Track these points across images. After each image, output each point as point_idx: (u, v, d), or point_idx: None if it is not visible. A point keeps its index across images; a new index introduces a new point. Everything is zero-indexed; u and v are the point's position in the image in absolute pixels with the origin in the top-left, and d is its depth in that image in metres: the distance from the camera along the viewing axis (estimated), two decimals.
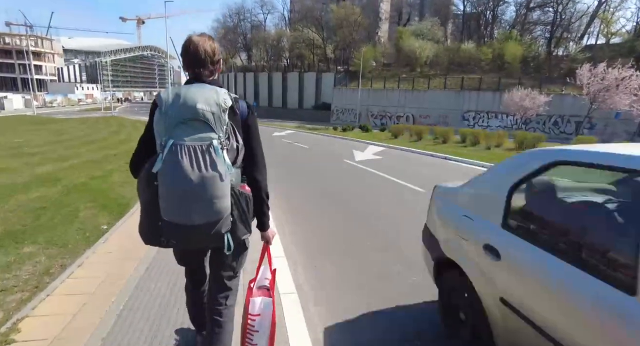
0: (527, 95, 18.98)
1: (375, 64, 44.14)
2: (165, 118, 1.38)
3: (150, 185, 1.39)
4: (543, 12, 41.76)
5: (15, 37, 71.05)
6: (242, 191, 1.55)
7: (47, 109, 56.10)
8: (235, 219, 1.50)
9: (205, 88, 1.46)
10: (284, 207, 5.66)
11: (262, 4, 61.36)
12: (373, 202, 6.19)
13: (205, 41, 1.57)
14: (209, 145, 1.37)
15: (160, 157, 1.36)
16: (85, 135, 15.55)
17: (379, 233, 4.55)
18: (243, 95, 56.47)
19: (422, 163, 11.02)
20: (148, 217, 1.46)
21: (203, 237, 1.45)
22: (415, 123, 36.44)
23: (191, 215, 1.38)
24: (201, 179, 1.34)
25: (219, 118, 1.41)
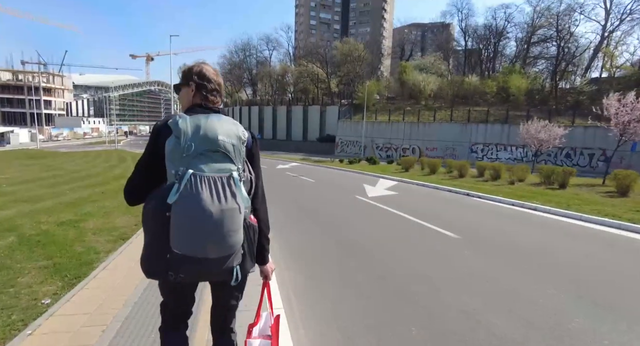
0: (544, 127, 18.14)
1: (379, 97, 44.33)
2: (185, 148, 1.34)
3: (160, 216, 1.33)
4: (546, 46, 42.29)
5: (28, 74, 73.49)
6: (251, 223, 1.51)
7: (52, 143, 56.61)
8: (245, 252, 1.47)
9: (224, 120, 1.46)
10: (291, 265, 4.49)
11: (267, 41, 63.12)
12: (401, 254, 5.00)
13: (218, 73, 1.63)
14: (229, 177, 1.36)
15: (177, 188, 1.30)
16: (78, 170, 14.64)
17: (418, 307, 3.34)
18: (248, 127, 55.64)
19: (442, 200, 9.89)
20: (155, 250, 1.39)
21: (214, 270, 1.40)
22: (421, 155, 35.78)
23: (206, 248, 1.33)
24: (221, 212, 1.31)
25: (239, 151, 1.43)
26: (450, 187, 11.67)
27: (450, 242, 5.50)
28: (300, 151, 43.03)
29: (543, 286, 3.77)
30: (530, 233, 6.22)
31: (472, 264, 4.46)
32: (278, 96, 60.01)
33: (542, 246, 5.39)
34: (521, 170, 11.96)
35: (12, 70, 72.71)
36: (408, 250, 5.21)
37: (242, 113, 57.96)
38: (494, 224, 6.96)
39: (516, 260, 4.72)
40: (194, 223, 1.30)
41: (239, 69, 62.87)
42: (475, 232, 6.08)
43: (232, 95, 64.56)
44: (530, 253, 5.00)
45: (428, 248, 5.28)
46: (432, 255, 4.95)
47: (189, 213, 1.29)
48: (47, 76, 75.38)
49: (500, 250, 5.15)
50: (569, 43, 37.37)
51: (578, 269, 4.40)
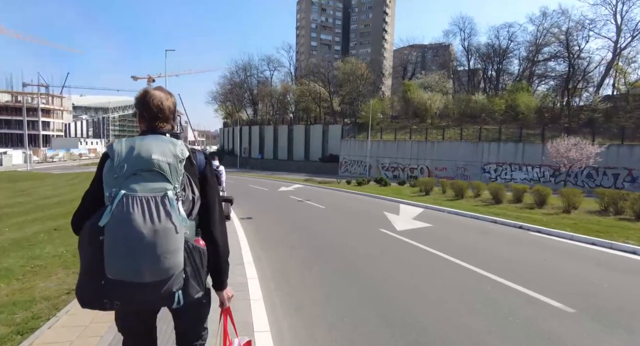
0: (575, 146, 16.37)
1: (383, 116, 43.06)
2: (118, 169, 1.30)
3: (94, 241, 1.27)
4: (557, 63, 41.36)
5: (27, 95, 73.06)
6: (196, 245, 1.42)
7: (47, 164, 55.02)
8: (187, 276, 1.37)
9: (161, 140, 1.41)
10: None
11: (268, 62, 62.65)
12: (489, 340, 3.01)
13: (167, 97, 1.54)
14: (164, 196, 1.28)
15: (109, 209, 1.25)
16: (51, 196, 12.66)
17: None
18: (248, 147, 55.21)
19: (495, 235, 7.74)
20: (89, 276, 1.30)
21: (151, 296, 1.30)
22: (430, 175, 34.04)
23: (141, 271, 1.25)
24: (153, 232, 1.23)
25: (175, 169, 1.35)
26: (493, 217, 9.61)
27: (566, 322, 3.48)
28: (302, 171, 41.32)
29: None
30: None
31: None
32: (279, 115, 58.93)
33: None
34: (574, 195, 10.00)
35: (12, 92, 72.24)
36: (508, 340, 3.20)
37: (242, 133, 56.67)
38: (605, 281, 4.75)
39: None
40: (126, 244, 1.23)
41: (240, 89, 62.12)
42: (587, 298, 4.03)
43: (233, 115, 63.53)
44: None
45: (537, 332, 3.26)
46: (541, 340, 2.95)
47: (120, 234, 1.23)
48: (47, 97, 74.96)
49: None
50: (580, 60, 36.39)
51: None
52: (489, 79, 50.90)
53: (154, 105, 1.49)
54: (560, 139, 17.33)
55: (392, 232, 7.78)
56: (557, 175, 28.80)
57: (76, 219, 1.41)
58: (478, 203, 12.26)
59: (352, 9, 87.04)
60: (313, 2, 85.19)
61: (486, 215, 9.92)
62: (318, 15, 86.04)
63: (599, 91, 37.09)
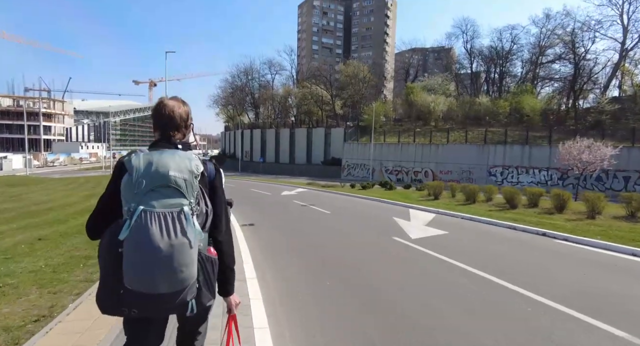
0: (588, 148, 15.71)
1: (385, 119, 42.51)
2: (136, 185, 1.34)
3: (113, 252, 1.32)
4: (563, 64, 40.80)
5: (29, 100, 72.95)
6: (209, 255, 1.48)
7: (47, 168, 54.69)
8: (200, 285, 1.43)
9: (177, 155, 1.45)
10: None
11: (270, 65, 62.28)
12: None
13: (180, 105, 1.60)
14: (180, 212, 1.33)
15: (128, 224, 1.30)
16: (44, 202, 12.07)
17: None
18: (249, 151, 54.71)
19: (517, 243, 7.19)
20: (108, 286, 1.37)
21: (167, 305, 1.38)
22: (435, 178, 33.40)
23: (157, 284, 1.30)
24: (170, 247, 1.29)
25: (190, 185, 1.39)
26: (511, 223, 9.00)
27: None
28: (304, 175, 40.76)
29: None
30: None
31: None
32: (281, 119, 58.46)
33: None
34: (598, 199, 9.36)
35: (13, 96, 72.14)
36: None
37: (243, 136, 56.21)
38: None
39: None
40: (144, 258, 1.28)
41: (241, 92, 61.73)
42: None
43: (234, 118, 63.09)
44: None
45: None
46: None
47: (139, 248, 1.28)
48: (48, 102, 74.82)
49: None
50: (586, 61, 35.82)
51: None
52: (492, 81, 50.45)
53: (165, 114, 1.56)
54: (573, 141, 16.66)
55: (407, 241, 7.16)
56: (565, 178, 28.17)
57: (91, 225, 1.48)
58: (491, 207, 11.62)
59: (354, 13, 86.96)
60: (314, 5, 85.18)
61: (503, 220, 9.29)
62: (319, 18, 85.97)
63: (605, 93, 36.49)
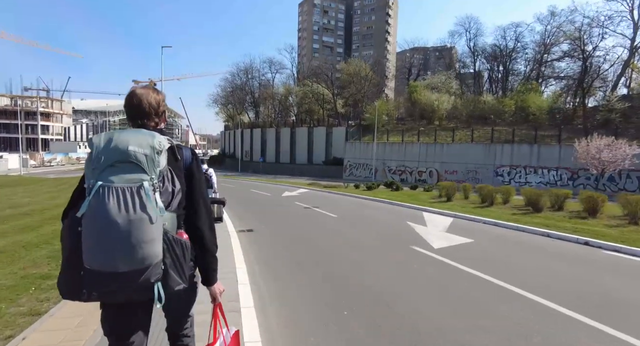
0: (607, 146, 14.85)
1: (388, 118, 41.59)
2: (95, 161, 1.33)
3: (73, 231, 1.30)
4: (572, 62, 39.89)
5: (27, 99, 72.15)
6: (178, 237, 1.41)
7: (44, 168, 53.88)
8: (167, 267, 1.35)
9: (141, 132, 1.41)
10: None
11: (270, 64, 61.38)
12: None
13: (150, 94, 1.56)
14: (139, 187, 1.30)
15: (87, 201, 1.27)
16: (22, 205, 10.90)
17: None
18: (249, 151, 53.85)
19: (556, 254, 6.29)
20: (69, 267, 1.34)
21: (129, 286, 1.30)
22: (440, 179, 32.57)
23: (115, 260, 1.26)
24: (128, 222, 1.25)
25: (152, 160, 1.35)
26: (544, 229, 7.97)
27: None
28: (305, 175, 39.91)
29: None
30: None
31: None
32: (281, 118, 57.57)
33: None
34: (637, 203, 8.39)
35: (11, 96, 71.31)
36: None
37: (243, 136, 55.35)
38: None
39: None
40: (101, 234, 1.26)
41: (241, 91, 60.84)
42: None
43: (234, 117, 62.22)
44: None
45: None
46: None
47: (96, 223, 1.26)
48: (47, 101, 74.01)
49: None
50: (595, 58, 34.92)
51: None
52: (496, 79, 49.63)
53: (134, 103, 1.53)
54: (590, 139, 15.78)
55: (429, 251, 6.23)
56: (575, 178, 27.31)
57: (64, 214, 1.44)
58: (513, 211, 10.69)
59: (355, 11, 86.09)
60: (315, 4, 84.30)
61: (533, 226, 8.36)
62: (320, 17, 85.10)
63: (615, 90, 35.59)
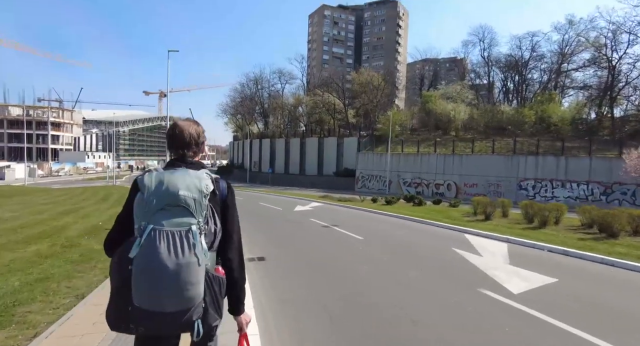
0: None
1: (400, 128, 40.09)
2: (147, 203, 1.38)
3: (124, 269, 1.36)
4: (589, 71, 38.27)
5: (39, 109, 72.64)
6: (216, 274, 1.49)
7: (52, 178, 53.48)
8: (207, 305, 1.43)
9: (188, 175, 1.47)
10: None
11: (280, 75, 60.68)
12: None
13: (191, 125, 1.66)
14: (188, 231, 1.36)
15: (138, 242, 1.34)
16: (13, 219, 9.84)
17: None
18: (258, 161, 52.70)
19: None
20: (118, 302, 1.40)
21: (173, 324, 1.38)
22: (459, 192, 30.83)
23: (163, 302, 1.33)
24: (177, 266, 1.31)
25: (199, 204, 1.41)
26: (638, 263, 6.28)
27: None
28: (315, 186, 38.41)
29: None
30: None
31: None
32: (291, 128, 56.50)
33: None
34: None
35: (23, 106, 71.83)
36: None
37: (252, 146, 54.33)
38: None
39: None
40: (152, 276, 1.31)
41: (251, 102, 60.12)
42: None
43: (243, 128, 61.38)
44: None
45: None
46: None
47: (147, 266, 1.31)
48: (58, 111, 74.43)
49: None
50: (626, 65, 33.17)
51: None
52: (511, 90, 48.10)
53: (176, 133, 1.60)
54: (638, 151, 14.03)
55: (508, 298, 4.54)
56: (609, 193, 25.32)
57: (108, 243, 1.52)
58: (575, 234, 8.95)
59: (365, 22, 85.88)
60: (325, 15, 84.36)
61: (619, 257, 6.56)
62: (330, 28, 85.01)
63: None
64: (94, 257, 5.95)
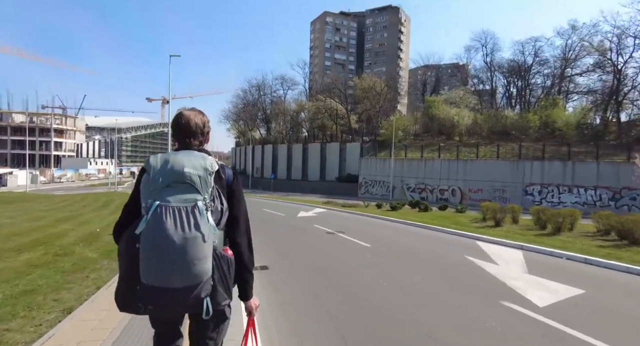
0: None
1: (403, 133, 39.82)
2: (153, 182, 1.39)
3: (132, 247, 1.36)
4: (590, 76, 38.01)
5: (42, 116, 72.96)
6: (224, 254, 1.49)
7: (54, 184, 53.39)
8: (215, 283, 1.42)
9: (193, 155, 1.50)
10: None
11: (282, 81, 60.71)
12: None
13: (196, 115, 1.67)
14: (194, 206, 1.36)
15: (145, 219, 1.34)
16: (6, 225, 9.59)
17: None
18: (260, 167, 52.47)
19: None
20: (126, 281, 1.41)
21: (181, 301, 1.37)
22: (463, 197, 30.41)
23: (171, 277, 1.32)
24: (184, 240, 1.31)
25: (205, 181, 1.42)
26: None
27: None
28: (317, 192, 38.04)
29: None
30: None
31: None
32: (293, 133, 56.32)
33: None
34: None
35: (26, 113, 72.22)
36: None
37: (254, 152, 54.15)
38: None
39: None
40: (158, 251, 1.31)
41: (253, 107, 60.08)
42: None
43: (245, 134, 61.29)
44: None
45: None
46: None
47: (154, 241, 1.31)
48: (61, 118, 74.71)
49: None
50: (629, 70, 32.90)
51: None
52: (514, 95, 47.86)
53: (182, 122, 1.61)
54: None
55: (534, 312, 4.15)
56: (617, 198, 24.83)
57: (116, 231, 1.53)
58: (592, 240, 8.53)
59: (367, 29, 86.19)
60: (327, 22, 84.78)
61: None
62: (332, 35, 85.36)
63: None
64: (87, 266, 5.62)
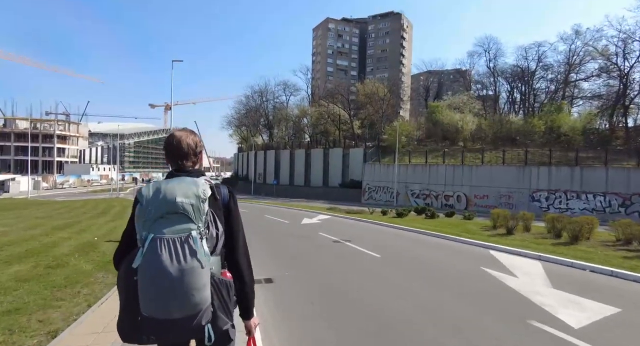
0: None
1: (406, 138, 39.47)
2: (145, 213, 1.39)
3: (130, 281, 1.36)
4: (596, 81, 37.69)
5: (45, 122, 73.19)
6: (223, 278, 1.48)
7: (56, 190, 53.28)
8: (215, 309, 1.42)
9: (185, 181, 1.46)
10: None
11: (284, 87, 60.72)
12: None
13: (188, 136, 1.65)
14: (188, 236, 1.35)
15: (141, 252, 1.34)
16: None
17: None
18: (263, 173, 52.17)
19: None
20: (127, 313, 1.40)
21: (183, 330, 1.37)
22: (469, 203, 29.94)
23: (170, 309, 1.32)
24: (180, 272, 1.30)
25: (198, 209, 1.40)
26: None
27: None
28: (320, 198, 37.61)
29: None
30: None
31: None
32: (296, 139, 56.09)
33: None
34: None
35: (30, 119, 72.50)
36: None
37: (257, 158, 53.90)
38: None
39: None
40: (156, 284, 1.30)
41: (255, 113, 60.01)
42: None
43: (247, 139, 61.14)
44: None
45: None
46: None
47: (151, 275, 1.31)
48: (64, 124, 74.93)
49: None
50: (636, 74, 32.54)
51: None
52: (521, 100, 47.52)
53: (174, 144, 1.60)
54: None
55: (569, 335, 3.70)
56: (628, 205, 24.31)
57: (116, 259, 1.52)
58: (617, 252, 8.03)
59: (369, 35, 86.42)
60: (330, 28, 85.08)
61: None
62: (334, 41, 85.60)
63: None
64: (80, 280, 5.25)
